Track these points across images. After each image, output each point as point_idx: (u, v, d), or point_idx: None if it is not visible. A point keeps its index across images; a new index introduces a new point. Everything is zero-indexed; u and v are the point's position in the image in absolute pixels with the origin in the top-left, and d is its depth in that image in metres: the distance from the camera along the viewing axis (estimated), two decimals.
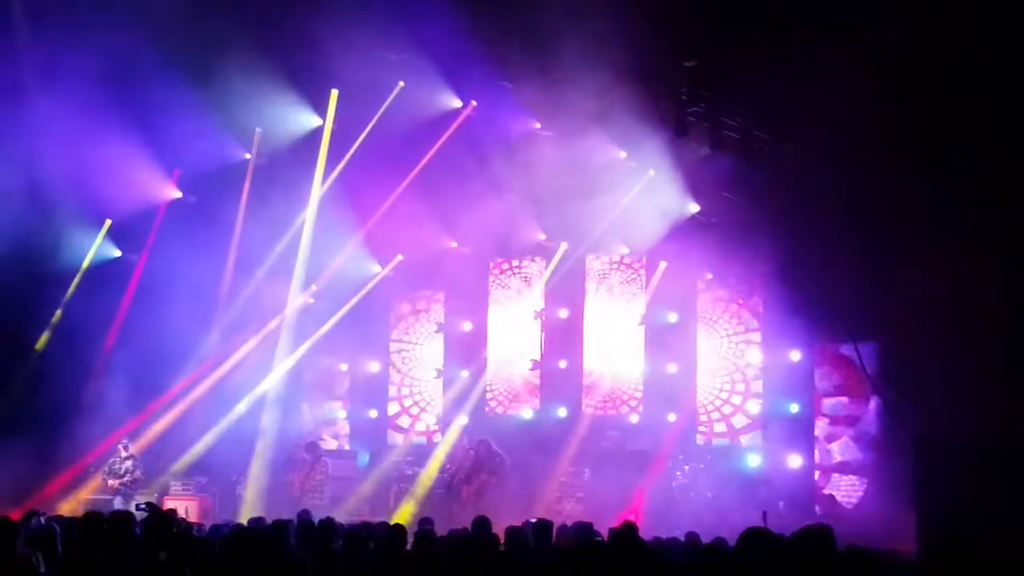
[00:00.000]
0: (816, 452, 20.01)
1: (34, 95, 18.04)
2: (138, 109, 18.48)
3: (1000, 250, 16.30)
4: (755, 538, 8.03)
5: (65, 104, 17.76)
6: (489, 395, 22.54)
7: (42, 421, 19.33)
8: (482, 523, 10.92)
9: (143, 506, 12.95)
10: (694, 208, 20.19)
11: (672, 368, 21.47)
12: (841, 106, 16.70)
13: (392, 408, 23.36)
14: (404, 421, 23.19)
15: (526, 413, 22.35)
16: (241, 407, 21.29)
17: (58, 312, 20.60)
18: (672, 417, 21.15)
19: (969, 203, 16.36)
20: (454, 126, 20.23)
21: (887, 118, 16.47)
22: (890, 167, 16.88)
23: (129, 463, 19.34)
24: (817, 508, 19.33)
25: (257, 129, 20.70)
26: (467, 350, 22.91)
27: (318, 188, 21.09)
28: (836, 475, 19.81)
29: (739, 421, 20.91)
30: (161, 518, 10.37)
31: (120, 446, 19.48)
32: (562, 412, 22.02)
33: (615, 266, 22.15)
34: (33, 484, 18.90)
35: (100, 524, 9.19)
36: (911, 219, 17.10)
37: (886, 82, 16.33)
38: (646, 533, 11.68)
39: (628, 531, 10.61)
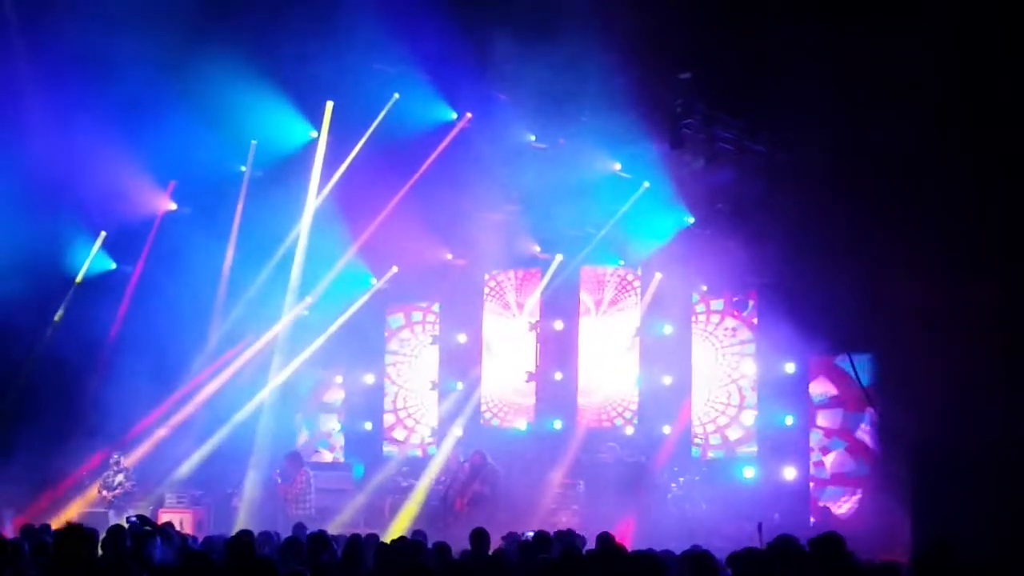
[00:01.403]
0: (811, 464, 20.00)
1: (29, 106, 18.05)
2: (134, 121, 18.48)
3: (996, 260, 16.31)
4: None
5: (59, 115, 17.79)
6: (484, 407, 22.53)
7: (36, 433, 19.32)
8: (480, 536, 10.90)
9: (134, 519, 12.92)
10: (689, 220, 20.20)
11: (667, 380, 21.44)
12: (836, 118, 16.75)
13: (387, 420, 23.36)
14: (399, 433, 23.18)
15: (521, 425, 22.32)
16: (236, 419, 21.29)
17: (52, 326, 20.57)
18: (667, 429, 21.13)
19: (965, 213, 16.38)
20: (449, 138, 20.24)
21: (883, 129, 16.50)
22: (886, 178, 16.91)
23: (121, 476, 19.33)
24: (812, 519, 19.31)
25: (253, 141, 20.73)
26: (462, 362, 22.90)
27: (313, 200, 21.10)
28: (831, 487, 19.79)
29: (734, 433, 20.87)
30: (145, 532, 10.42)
31: (111, 460, 19.46)
32: (557, 424, 22.00)
33: (610, 278, 22.15)
34: (28, 497, 18.90)
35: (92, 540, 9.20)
36: (906, 230, 17.12)
37: (882, 94, 16.37)
38: (641, 546, 11.68)
39: (608, 542, 10.63)
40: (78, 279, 20.84)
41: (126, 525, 12.14)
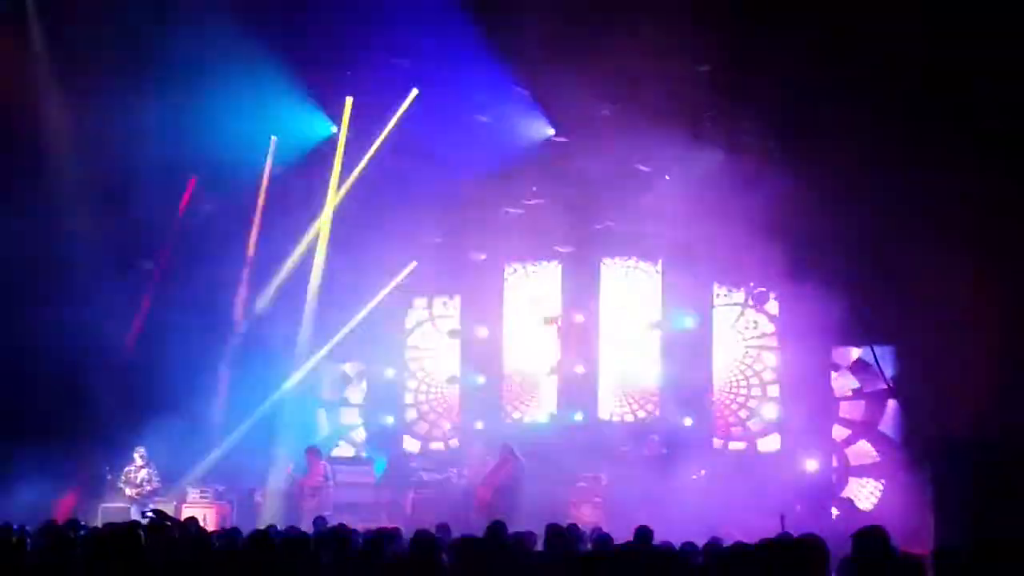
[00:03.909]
0: (833, 455, 19.97)
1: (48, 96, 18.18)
2: (156, 115, 18.54)
3: (1020, 252, 16.25)
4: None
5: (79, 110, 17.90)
6: (505, 400, 22.54)
7: (61, 429, 19.39)
8: (496, 529, 10.90)
9: (151, 514, 12.94)
10: (709, 212, 20.12)
11: (688, 372, 21.41)
12: (857, 109, 16.71)
13: (409, 414, 23.38)
14: (421, 427, 23.21)
15: (542, 418, 22.34)
16: (258, 414, 21.34)
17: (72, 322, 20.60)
18: (688, 421, 21.12)
19: (991, 206, 16.33)
20: (469, 132, 20.22)
21: (905, 121, 16.46)
22: (909, 170, 16.86)
23: (145, 472, 19.41)
24: (835, 511, 19.28)
25: (273, 137, 20.75)
26: (483, 355, 22.90)
27: (333, 195, 21.12)
28: (853, 478, 19.78)
29: (756, 425, 20.88)
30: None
31: (136, 455, 19.54)
32: (579, 417, 22.00)
33: (630, 271, 22.14)
34: (52, 493, 18.97)
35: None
36: (929, 221, 17.07)
37: (903, 86, 16.32)
38: (664, 537, 11.70)
39: (644, 535, 10.63)
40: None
41: (144, 521, 12.23)
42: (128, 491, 19.33)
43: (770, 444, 20.74)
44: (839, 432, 20.06)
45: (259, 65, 18.08)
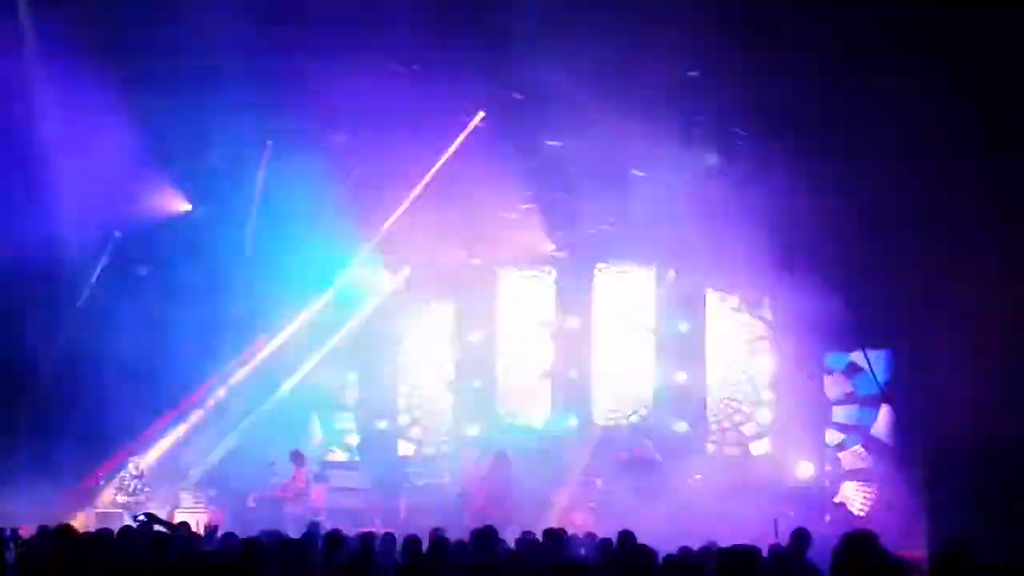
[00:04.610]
0: (826, 460, 19.96)
1: (40, 100, 18.15)
2: (148, 118, 18.50)
3: (1016, 258, 16.27)
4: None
5: (69, 113, 17.87)
6: (499, 405, 22.51)
7: (55, 432, 19.36)
8: (487, 533, 10.89)
9: (142, 517, 12.90)
10: (702, 217, 20.13)
11: (682, 377, 21.43)
12: (853, 113, 16.73)
13: (402, 419, 23.33)
14: (415, 432, 23.16)
15: (537, 423, 22.32)
16: (252, 419, 21.30)
17: (65, 327, 20.58)
18: (682, 426, 21.12)
19: (986, 209, 16.34)
20: (462, 136, 20.22)
21: (903, 125, 16.48)
22: (905, 174, 16.87)
23: (138, 482, 19.38)
24: (827, 516, 19.28)
25: (268, 141, 20.71)
26: (477, 360, 22.88)
27: (329, 200, 21.04)
28: (846, 483, 19.77)
29: (749, 429, 20.88)
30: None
31: (131, 464, 19.49)
32: (572, 422, 22.00)
33: (624, 275, 22.13)
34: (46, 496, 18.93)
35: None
36: (924, 226, 17.09)
37: (900, 88, 16.33)
38: (659, 542, 11.68)
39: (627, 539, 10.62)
40: (91, 281, 20.84)
41: (135, 524, 12.20)
42: (121, 497, 19.29)
43: (763, 448, 20.74)
44: (832, 436, 20.06)
45: (253, 67, 18.05)
